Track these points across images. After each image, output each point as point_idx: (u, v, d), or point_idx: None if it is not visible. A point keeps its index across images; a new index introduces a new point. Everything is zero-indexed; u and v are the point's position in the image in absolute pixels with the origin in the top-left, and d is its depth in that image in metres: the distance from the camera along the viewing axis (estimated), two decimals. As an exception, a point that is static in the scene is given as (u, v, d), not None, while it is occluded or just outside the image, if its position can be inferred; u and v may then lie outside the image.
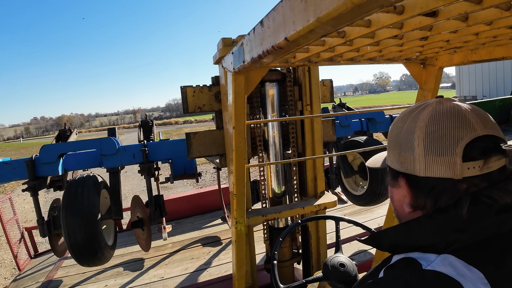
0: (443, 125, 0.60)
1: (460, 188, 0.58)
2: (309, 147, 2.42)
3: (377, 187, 3.35)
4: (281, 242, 1.54)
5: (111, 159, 2.88)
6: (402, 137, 0.65)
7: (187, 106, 2.33)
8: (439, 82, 1.45)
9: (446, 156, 0.58)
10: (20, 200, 10.39)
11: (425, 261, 0.57)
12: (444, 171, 0.58)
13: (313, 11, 0.51)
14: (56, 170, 2.79)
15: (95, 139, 2.94)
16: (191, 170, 3.56)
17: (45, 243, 6.72)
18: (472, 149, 0.57)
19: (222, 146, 2.37)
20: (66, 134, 3.77)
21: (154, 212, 3.06)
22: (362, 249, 3.75)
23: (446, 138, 0.59)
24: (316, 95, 2.39)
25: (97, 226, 2.62)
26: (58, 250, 3.21)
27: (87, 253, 2.62)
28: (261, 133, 2.39)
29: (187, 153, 2.36)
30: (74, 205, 2.58)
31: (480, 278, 0.53)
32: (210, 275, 3.56)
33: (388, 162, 0.71)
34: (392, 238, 0.65)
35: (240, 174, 1.57)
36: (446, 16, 0.68)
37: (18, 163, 2.75)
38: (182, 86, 2.32)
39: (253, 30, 0.85)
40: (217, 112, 2.40)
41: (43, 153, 2.76)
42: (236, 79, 1.27)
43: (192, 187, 10.44)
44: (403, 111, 0.70)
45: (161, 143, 3.20)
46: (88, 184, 2.72)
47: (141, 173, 2.98)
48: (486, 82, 22.31)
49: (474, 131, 0.58)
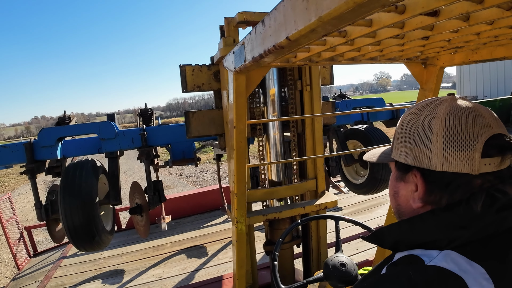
0: (462, 120, 0.60)
1: (475, 184, 0.59)
2: (308, 127, 2.40)
3: (378, 173, 3.33)
4: (281, 242, 1.54)
5: (110, 143, 2.86)
6: (416, 131, 0.64)
7: (186, 85, 2.31)
8: (440, 82, 1.45)
9: (466, 151, 0.58)
10: (20, 199, 10.40)
11: (428, 257, 0.58)
12: (462, 166, 0.59)
13: (315, 10, 0.51)
14: (54, 154, 2.77)
15: (94, 123, 2.93)
16: (190, 154, 3.53)
17: (45, 242, 6.73)
18: (489, 146, 0.58)
19: (221, 126, 2.36)
20: (66, 122, 3.76)
21: (153, 196, 3.04)
22: (362, 249, 3.75)
23: (466, 134, 0.59)
24: (316, 75, 2.35)
25: (94, 209, 2.58)
26: (56, 236, 3.18)
27: (84, 236, 2.58)
28: (260, 113, 2.36)
29: (186, 132, 2.33)
30: (72, 187, 2.55)
31: (482, 273, 0.54)
32: (208, 275, 3.56)
33: (395, 156, 0.70)
34: (395, 234, 0.65)
35: (241, 174, 1.57)
36: (447, 16, 0.68)
37: (16, 147, 2.74)
38: (181, 65, 2.31)
39: (255, 30, 0.84)
40: (215, 91, 2.38)
41: (42, 136, 2.73)
42: (237, 79, 1.27)
43: (192, 186, 10.44)
44: (412, 107, 0.70)
45: (160, 128, 3.19)
46: (87, 167, 2.69)
47: (140, 157, 2.96)
48: (487, 82, 22.29)
49: (491, 128, 0.59)
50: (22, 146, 2.70)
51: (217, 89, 2.37)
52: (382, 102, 3.96)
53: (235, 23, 1.99)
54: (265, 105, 2.35)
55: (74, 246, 2.73)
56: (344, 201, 5.45)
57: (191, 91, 2.32)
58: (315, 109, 2.35)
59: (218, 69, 2.33)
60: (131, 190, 3.26)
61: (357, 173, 3.87)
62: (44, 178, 11.71)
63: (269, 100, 2.30)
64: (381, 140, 3.42)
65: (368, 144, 3.45)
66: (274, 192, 2.31)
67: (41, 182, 11.25)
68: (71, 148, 3.00)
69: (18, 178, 14.91)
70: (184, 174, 12.54)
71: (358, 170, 3.86)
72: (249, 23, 1.97)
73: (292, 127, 2.43)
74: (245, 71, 1.17)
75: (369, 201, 5.39)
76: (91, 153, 3.06)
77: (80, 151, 3.06)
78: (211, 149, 16.01)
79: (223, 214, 5.33)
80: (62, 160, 2.89)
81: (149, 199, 3.06)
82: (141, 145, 2.90)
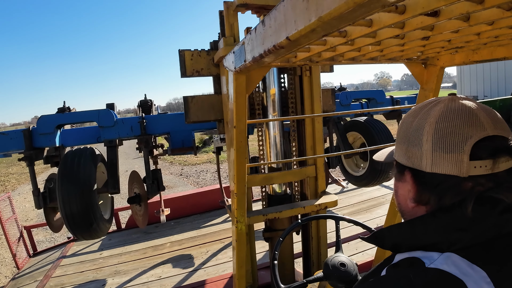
0: (453, 122, 0.60)
1: (465, 187, 0.58)
2: (308, 112, 2.39)
3: (378, 164, 3.30)
4: (281, 242, 1.53)
5: (108, 131, 2.85)
6: (411, 132, 0.65)
7: (185, 70, 2.30)
8: (441, 82, 1.45)
9: (454, 153, 0.58)
10: (21, 199, 10.39)
11: (428, 259, 0.57)
12: (450, 168, 0.58)
13: (315, 10, 0.51)
14: (53, 141, 2.77)
15: (93, 110, 2.91)
16: (190, 143, 3.53)
17: (45, 242, 6.73)
18: (480, 148, 0.57)
19: (220, 111, 2.34)
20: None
21: (152, 185, 3.03)
22: (362, 249, 3.75)
23: (455, 136, 0.59)
24: None
25: (92, 196, 2.57)
26: (54, 226, 3.16)
27: (81, 223, 2.57)
28: (259, 99, 2.35)
29: (184, 117, 2.31)
30: (70, 173, 2.54)
31: (483, 277, 0.53)
32: (208, 274, 3.56)
33: (395, 156, 0.71)
34: (395, 236, 0.65)
35: (241, 174, 1.57)
36: (448, 16, 0.68)
37: (15, 134, 2.73)
38: (180, 50, 2.30)
39: (255, 30, 0.85)
40: (214, 76, 2.37)
41: (41, 123, 2.73)
42: (237, 79, 1.27)
43: (193, 186, 10.44)
44: (414, 107, 0.70)
45: (160, 116, 3.18)
46: (85, 154, 2.68)
47: (139, 145, 2.96)
48: (487, 82, 22.29)
49: (483, 130, 0.58)
50: (21, 133, 2.69)
51: (216, 74, 2.35)
52: (382, 94, 3.95)
53: (234, 7, 1.97)
54: (264, 91, 2.33)
55: (71, 233, 2.71)
56: (344, 201, 5.45)
57: (190, 76, 2.31)
58: (315, 95, 2.35)
59: (218, 54, 2.31)
60: (129, 179, 3.24)
61: (357, 165, 3.85)
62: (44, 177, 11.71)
63: (268, 86, 2.28)
64: (381, 132, 3.41)
65: (368, 136, 3.44)
66: (274, 177, 2.30)
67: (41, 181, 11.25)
68: (70, 137, 2.98)
69: (18, 177, 14.93)
70: (184, 174, 12.55)
71: (358, 162, 3.84)
72: (248, 6, 1.95)
73: (291, 112, 2.42)
74: (245, 71, 1.17)
75: (369, 201, 5.39)
76: (90, 143, 3.05)
77: (79, 140, 3.05)
78: (211, 148, 15.96)
79: (223, 214, 5.33)
80: (61, 149, 2.88)
81: (147, 188, 3.03)
82: (140, 133, 2.89)
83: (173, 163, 15.10)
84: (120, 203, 8.09)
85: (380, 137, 3.37)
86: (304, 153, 2.44)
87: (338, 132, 3.57)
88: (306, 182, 2.47)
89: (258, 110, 2.33)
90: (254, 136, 2.64)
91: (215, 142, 3.05)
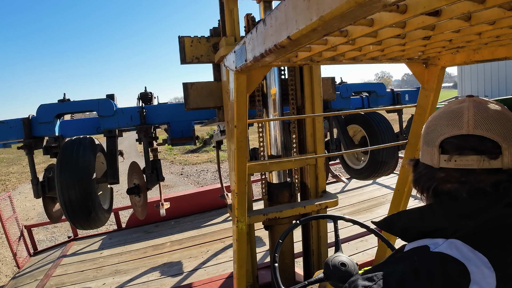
0: (438, 121, 0.70)
1: (437, 176, 0.67)
2: (308, 100, 2.39)
3: (379, 155, 3.30)
4: (281, 243, 1.52)
5: (108, 121, 2.84)
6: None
7: (185, 56, 2.28)
8: (441, 81, 1.45)
9: (430, 146, 0.69)
10: (21, 198, 10.40)
11: (433, 245, 0.62)
12: (428, 159, 0.69)
13: (316, 10, 0.51)
14: (52, 131, 2.75)
15: (93, 100, 2.89)
16: (189, 133, 3.51)
17: (45, 241, 6.74)
18: (448, 144, 0.66)
19: (220, 98, 2.33)
20: None
21: (151, 175, 3.01)
22: (362, 249, 3.75)
23: (434, 132, 0.69)
24: None
25: (91, 184, 2.55)
26: (53, 216, 3.14)
27: (80, 211, 2.55)
28: (260, 86, 2.34)
29: (184, 104, 2.30)
30: (69, 162, 2.52)
31: (484, 262, 0.56)
32: (208, 274, 3.56)
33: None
34: (405, 221, 0.70)
35: (241, 173, 1.57)
36: (449, 16, 0.68)
37: (15, 122, 2.71)
38: (180, 36, 2.29)
39: (256, 29, 0.84)
40: (214, 63, 2.36)
41: (40, 112, 2.71)
42: (238, 78, 1.27)
43: (193, 186, 10.45)
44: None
45: (159, 106, 3.17)
46: (84, 143, 2.67)
47: (138, 135, 2.94)
48: (488, 82, 22.27)
49: (459, 129, 0.65)
50: (21, 122, 2.68)
51: (216, 61, 2.34)
52: (383, 87, 3.93)
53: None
54: (264, 78, 2.32)
55: (70, 222, 2.69)
56: (344, 201, 5.45)
57: (189, 62, 2.29)
58: (315, 84, 2.34)
59: (217, 41, 2.29)
60: (129, 170, 3.22)
61: (358, 158, 3.83)
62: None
63: (268, 73, 2.27)
64: (381, 123, 3.39)
65: (369, 129, 3.42)
66: (273, 165, 2.30)
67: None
68: (69, 128, 2.97)
69: (19, 177, 14.94)
70: (184, 173, 12.55)
71: (358, 155, 3.83)
72: None
73: (292, 100, 2.41)
74: (246, 70, 1.17)
75: (369, 201, 5.39)
76: (90, 133, 3.03)
77: (78, 131, 3.03)
78: (211, 148, 16.03)
79: (223, 214, 5.33)
80: (60, 140, 2.86)
81: (147, 178, 3.02)
82: (139, 123, 2.87)
83: (173, 162, 15.11)
84: (120, 202, 8.10)
85: (381, 130, 3.36)
86: (304, 142, 2.43)
87: (338, 125, 3.54)
88: (306, 170, 2.46)
89: (258, 97, 2.32)
90: (254, 128, 2.61)
91: (215, 136, 3.04)
